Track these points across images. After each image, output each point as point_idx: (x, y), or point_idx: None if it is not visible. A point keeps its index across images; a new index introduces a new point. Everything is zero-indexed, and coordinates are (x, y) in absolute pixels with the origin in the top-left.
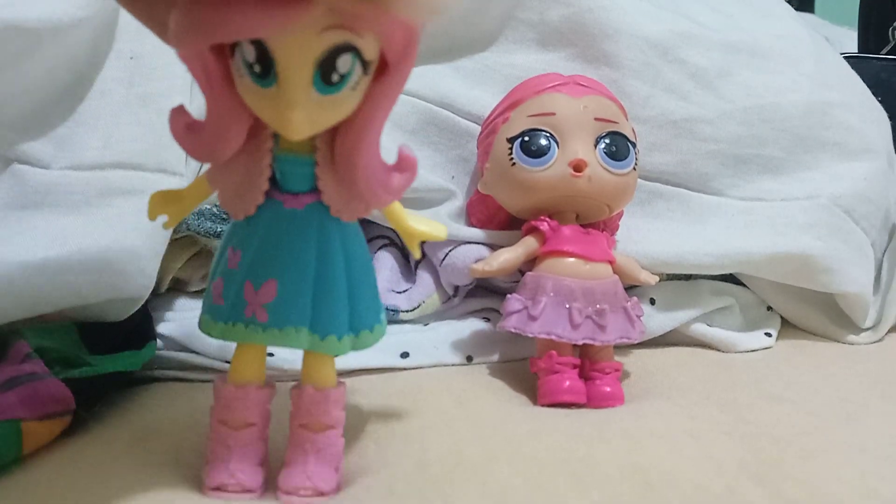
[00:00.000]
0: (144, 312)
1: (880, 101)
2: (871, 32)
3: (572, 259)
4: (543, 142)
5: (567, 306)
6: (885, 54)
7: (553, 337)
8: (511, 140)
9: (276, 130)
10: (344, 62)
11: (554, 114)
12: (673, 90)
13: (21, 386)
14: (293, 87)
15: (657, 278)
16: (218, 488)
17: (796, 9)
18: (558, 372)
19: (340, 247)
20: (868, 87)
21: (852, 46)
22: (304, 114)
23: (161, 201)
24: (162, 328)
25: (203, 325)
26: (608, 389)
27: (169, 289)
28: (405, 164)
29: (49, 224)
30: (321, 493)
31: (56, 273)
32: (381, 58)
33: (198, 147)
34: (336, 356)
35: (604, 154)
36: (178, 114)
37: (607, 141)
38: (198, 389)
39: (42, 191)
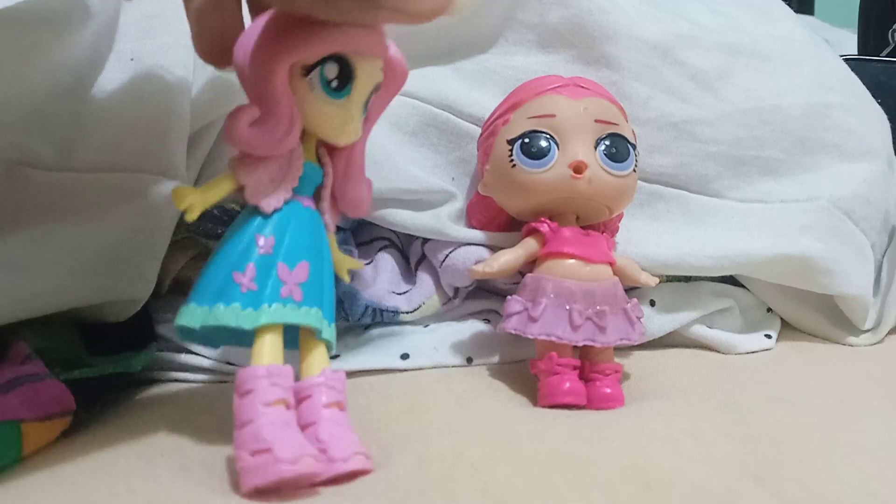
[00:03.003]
0: (144, 314)
1: (880, 104)
2: (870, 34)
3: (572, 261)
4: (544, 143)
5: (567, 308)
6: (885, 56)
7: (553, 338)
8: (511, 142)
9: (326, 136)
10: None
11: (554, 115)
12: (673, 92)
13: (21, 387)
14: (359, 101)
15: (657, 280)
16: (294, 461)
17: (796, 10)
18: (558, 373)
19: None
20: (868, 89)
21: (852, 48)
22: (359, 123)
23: (186, 192)
24: (162, 329)
25: (245, 319)
26: (608, 391)
27: (169, 290)
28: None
29: (50, 226)
30: (368, 457)
31: (56, 274)
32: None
33: (263, 140)
34: (327, 341)
35: (604, 156)
36: (246, 111)
37: (607, 143)
38: (197, 390)
39: (44, 192)
